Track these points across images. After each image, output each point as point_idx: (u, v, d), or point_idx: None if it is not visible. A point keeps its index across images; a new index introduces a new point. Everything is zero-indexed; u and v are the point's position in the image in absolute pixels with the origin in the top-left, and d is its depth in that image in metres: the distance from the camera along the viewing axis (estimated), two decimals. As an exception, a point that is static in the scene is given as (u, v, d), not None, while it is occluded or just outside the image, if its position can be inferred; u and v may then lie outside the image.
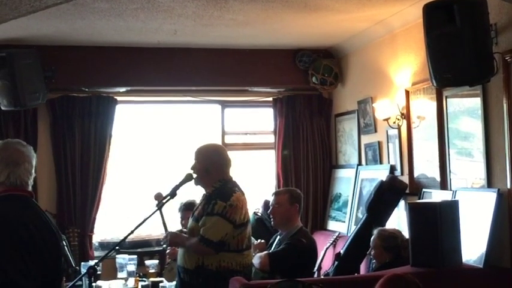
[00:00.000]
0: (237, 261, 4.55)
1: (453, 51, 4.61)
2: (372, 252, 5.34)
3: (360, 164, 7.35)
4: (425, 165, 5.99)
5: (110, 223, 7.72)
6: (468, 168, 5.38)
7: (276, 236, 5.76)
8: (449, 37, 4.62)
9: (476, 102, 5.22)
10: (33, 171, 3.61)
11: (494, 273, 4.83)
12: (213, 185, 4.69)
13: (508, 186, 4.83)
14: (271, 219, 5.69)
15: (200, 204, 4.78)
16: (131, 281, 6.03)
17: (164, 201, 4.67)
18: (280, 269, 5.26)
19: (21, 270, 3.23)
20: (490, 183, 5.06)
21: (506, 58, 4.81)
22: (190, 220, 4.77)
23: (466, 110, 5.46)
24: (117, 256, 6.33)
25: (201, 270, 4.52)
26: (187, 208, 6.08)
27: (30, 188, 3.59)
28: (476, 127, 5.22)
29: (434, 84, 4.94)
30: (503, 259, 4.85)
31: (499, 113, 4.94)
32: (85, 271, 4.36)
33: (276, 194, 5.84)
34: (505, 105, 4.86)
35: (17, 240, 3.27)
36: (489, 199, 4.92)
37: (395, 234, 5.36)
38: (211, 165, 4.68)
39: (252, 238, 5.62)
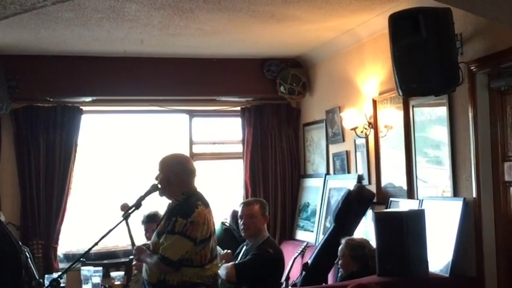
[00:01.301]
0: (198, 275, 4.50)
1: (419, 61, 4.64)
2: (340, 262, 5.34)
3: (328, 173, 7.35)
4: (393, 175, 6.01)
5: (75, 234, 7.61)
6: (438, 177, 5.39)
7: (243, 246, 5.72)
8: (415, 47, 4.65)
9: (443, 112, 5.25)
10: None
11: (460, 282, 4.85)
12: (176, 198, 4.62)
13: (474, 195, 4.85)
14: (243, 231, 5.63)
15: (164, 216, 4.71)
16: (96, 293, 5.96)
17: (129, 212, 4.61)
18: (246, 280, 5.23)
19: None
20: (456, 192, 5.08)
21: (472, 68, 4.85)
22: (154, 234, 4.69)
23: (434, 119, 5.48)
24: (82, 268, 6.24)
25: (163, 284, 4.47)
26: (150, 220, 6.02)
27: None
28: (445, 136, 5.25)
29: (400, 94, 4.97)
30: (469, 268, 4.87)
31: (464, 122, 4.98)
32: (48, 283, 4.29)
33: (246, 204, 5.78)
34: (470, 115, 4.89)
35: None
36: (455, 208, 4.95)
37: (363, 243, 5.36)
38: (173, 177, 4.61)
39: (219, 248, 5.58)
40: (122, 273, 6.29)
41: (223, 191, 8.17)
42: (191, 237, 4.41)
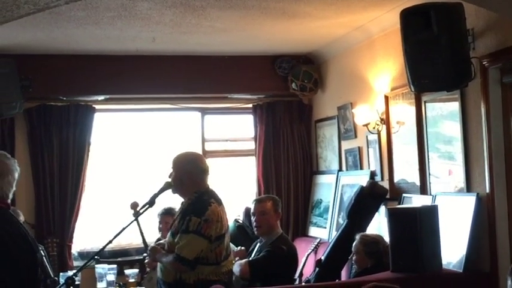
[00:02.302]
0: (214, 272, 4.52)
1: (430, 56, 4.63)
2: (354, 258, 5.33)
3: (340, 169, 7.35)
4: (405, 170, 6.00)
5: (89, 232, 7.65)
6: (452, 172, 5.38)
7: (256, 243, 5.74)
8: (427, 43, 4.64)
9: (455, 107, 5.24)
10: (14, 184, 3.58)
11: (473, 278, 4.84)
12: (189, 197, 4.64)
13: (487, 191, 4.84)
14: (256, 228, 5.65)
15: (177, 215, 4.72)
16: (111, 291, 5.98)
17: (142, 209, 4.63)
18: (260, 277, 5.24)
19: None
20: (469, 188, 5.07)
21: (484, 63, 4.83)
22: (169, 234, 4.71)
23: (446, 115, 5.47)
24: (96, 266, 6.27)
25: (180, 283, 4.48)
26: (166, 213, 6.06)
27: (9, 201, 3.56)
28: (457, 131, 5.24)
29: (412, 90, 4.97)
30: (483, 263, 4.86)
31: (477, 117, 4.96)
32: (64, 281, 4.31)
33: (258, 201, 5.80)
34: (483, 110, 4.88)
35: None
36: (468, 203, 4.94)
37: (377, 239, 5.36)
38: (185, 176, 4.63)
39: (232, 245, 5.61)
40: (136, 270, 6.33)
41: (236, 188, 8.19)
42: (206, 235, 4.43)
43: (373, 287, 3.01)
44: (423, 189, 5.66)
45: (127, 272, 6.28)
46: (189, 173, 4.63)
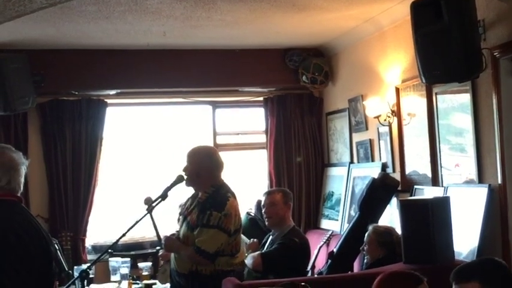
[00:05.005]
0: (229, 263, 4.58)
1: (441, 47, 4.62)
2: (365, 248, 5.31)
3: (351, 162, 7.36)
4: (417, 162, 6.00)
5: (102, 226, 7.70)
6: (462, 164, 5.38)
7: (269, 236, 5.76)
8: (438, 34, 4.63)
9: (466, 98, 5.23)
10: (23, 176, 3.61)
11: (486, 269, 4.83)
12: (205, 190, 4.66)
13: (499, 182, 4.84)
14: (266, 219, 5.68)
15: (190, 205, 4.74)
16: (124, 284, 6.00)
17: (155, 203, 4.65)
18: (273, 269, 5.26)
19: (11, 275, 3.22)
20: (481, 179, 5.07)
21: (495, 54, 4.82)
22: (184, 225, 4.74)
23: (457, 106, 5.46)
24: (110, 259, 6.30)
25: (196, 274, 4.52)
26: None
27: (19, 194, 3.58)
28: (468, 123, 5.23)
29: (424, 81, 4.96)
30: (495, 254, 4.79)
31: (488, 109, 4.95)
32: (78, 275, 4.34)
33: (268, 193, 5.84)
34: (494, 101, 4.87)
35: (6, 245, 3.26)
36: (480, 195, 4.94)
37: (390, 230, 5.36)
38: (202, 169, 4.66)
39: (245, 238, 5.64)
40: (149, 263, 6.36)
41: (248, 181, 8.20)
42: (226, 229, 4.50)
43: (389, 274, 3.01)
44: (435, 180, 5.66)
45: (140, 265, 6.32)
46: (206, 167, 4.67)
